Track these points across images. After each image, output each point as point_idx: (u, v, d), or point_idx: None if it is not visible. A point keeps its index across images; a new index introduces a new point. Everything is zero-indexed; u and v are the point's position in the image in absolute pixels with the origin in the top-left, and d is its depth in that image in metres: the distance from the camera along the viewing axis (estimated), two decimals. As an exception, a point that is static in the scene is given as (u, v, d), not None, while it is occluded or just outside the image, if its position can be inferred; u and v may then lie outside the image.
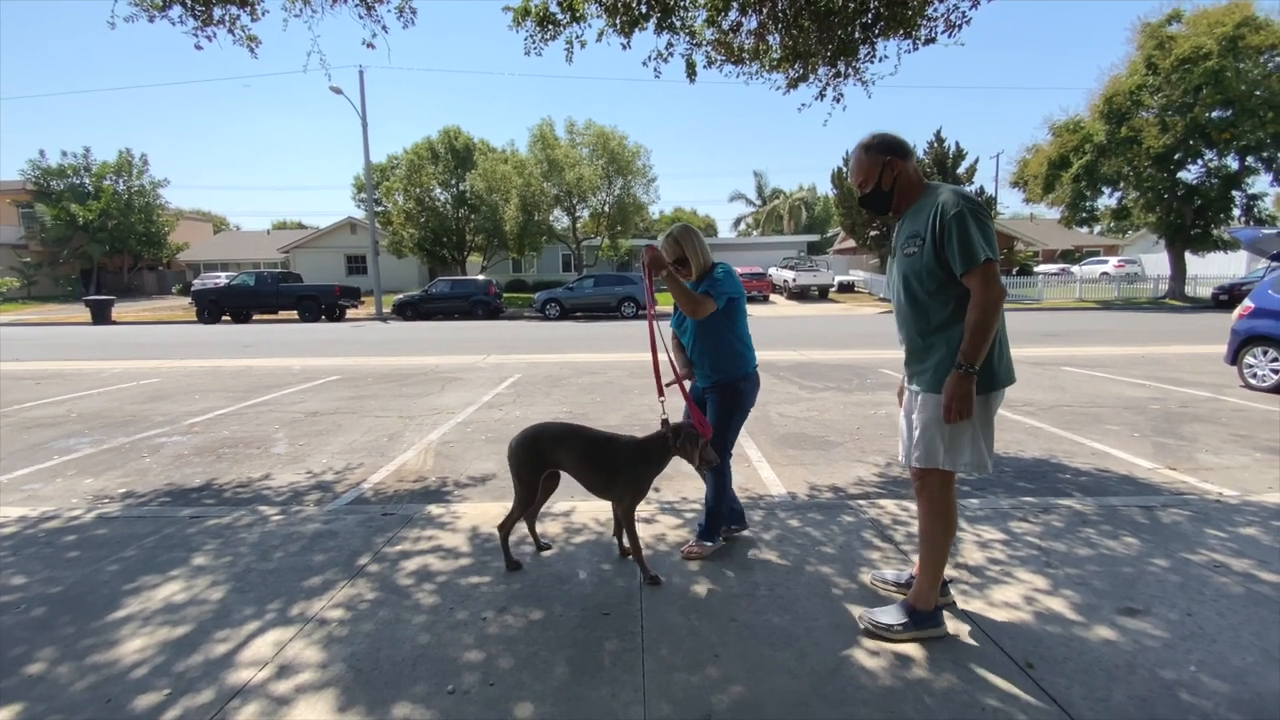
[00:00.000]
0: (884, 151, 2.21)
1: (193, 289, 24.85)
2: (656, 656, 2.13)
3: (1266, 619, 2.30)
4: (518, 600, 2.51)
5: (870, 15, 4.70)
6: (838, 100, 5.36)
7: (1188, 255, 24.18)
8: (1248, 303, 7.31)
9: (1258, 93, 19.44)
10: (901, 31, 4.72)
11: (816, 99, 5.37)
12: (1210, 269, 27.41)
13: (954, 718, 1.81)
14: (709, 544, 2.91)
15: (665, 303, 2.79)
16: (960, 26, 4.72)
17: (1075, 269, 31.86)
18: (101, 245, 34.72)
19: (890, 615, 2.25)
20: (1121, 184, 23.36)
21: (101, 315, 20.95)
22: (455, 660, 2.12)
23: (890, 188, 2.22)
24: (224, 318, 21.15)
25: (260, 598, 2.57)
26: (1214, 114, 20.29)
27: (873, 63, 5.11)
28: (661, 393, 2.72)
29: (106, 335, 16.97)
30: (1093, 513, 3.35)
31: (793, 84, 5.28)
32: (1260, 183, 22.16)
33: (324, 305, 21.22)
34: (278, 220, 64.91)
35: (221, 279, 28.31)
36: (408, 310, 21.70)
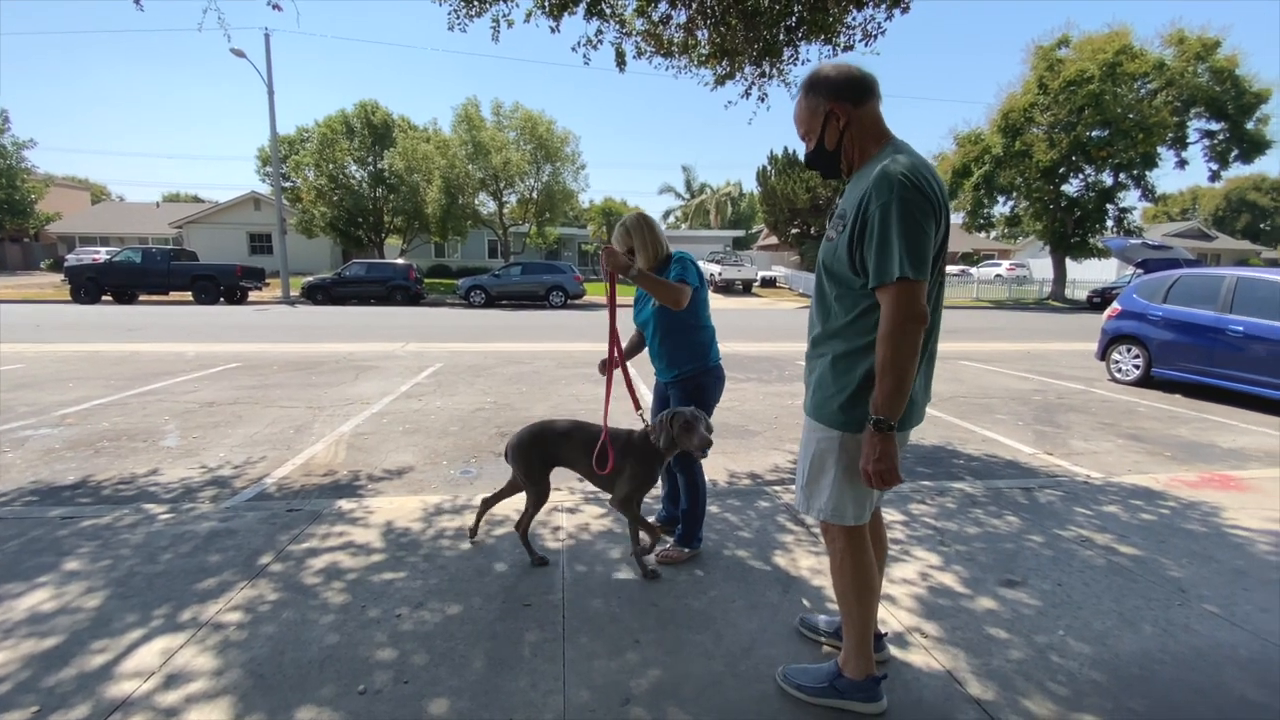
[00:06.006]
0: (826, 94, 1.61)
1: (66, 264, 22.30)
2: (577, 645, 2.14)
3: (1123, 586, 2.60)
4: (435, 595, 2.45)
5: (794, 19, 4.85)
6: (762, 100, 5.52)
7: (1068, 261, 26.70)
8: (1116, 305, 8.15)
9: (1131, 115, 21.65)
10: (822, 37, 4.90)
11: (742, 97, 5.51)
12: (1087, 274, 30.43)
13: (856, 689, 1.93)
14: (686, 550, 2.78)
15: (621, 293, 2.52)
16: (876, 36, 4.95)
17: (974, 271, 34.40)
18: (-48, 212, 30.66)
19: (809, 677, 1.87)
20: (1014, 193, 25.52)
21: (-48, 292, 18.49)
22: (367, 659, 2.04)
23: (836, 146, 1.64)
24: (104, 298, 19.15)
25: (145, 603, 2.36)
26: (1094, 133, 22.45)
27: (796, 65, 5.29)
28: (637, 405, 2.65)
29: (-42, 314, 14.98)
30: (981, 494, 3.65)
31: (720, 80, 5.39)
32: (1130, 197, 24.74)
33: (223, 287, 19.55)
34: (169, 192, 59.26)
35: (101, 254, 25.51)
36: (318, 294, 20.37)
